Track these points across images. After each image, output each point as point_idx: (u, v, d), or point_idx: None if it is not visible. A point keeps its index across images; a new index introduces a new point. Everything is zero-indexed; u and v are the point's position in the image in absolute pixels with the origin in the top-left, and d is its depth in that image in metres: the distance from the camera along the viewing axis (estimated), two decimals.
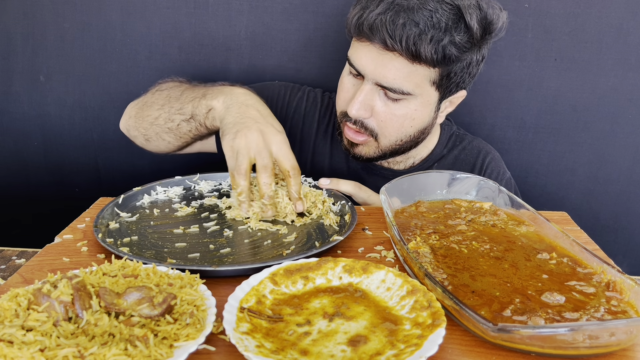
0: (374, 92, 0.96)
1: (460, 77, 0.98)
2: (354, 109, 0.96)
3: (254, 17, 1.28)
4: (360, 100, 0.96)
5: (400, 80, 0.93)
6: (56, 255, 0.76)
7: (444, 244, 0.76)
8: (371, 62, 0.94)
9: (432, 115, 1.02)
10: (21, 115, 1.37)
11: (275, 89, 1.19)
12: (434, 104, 1.00)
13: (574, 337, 0.54)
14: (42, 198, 1.44)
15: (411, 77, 0.93)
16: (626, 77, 1.26)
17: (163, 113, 1.05)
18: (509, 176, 1.16)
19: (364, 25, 0.92)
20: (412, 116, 0.98)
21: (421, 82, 0.95)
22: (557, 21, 1.23)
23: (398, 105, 0.97)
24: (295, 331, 0.58)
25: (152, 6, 1.27)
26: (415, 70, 0.93)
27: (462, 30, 0.91)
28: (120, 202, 0.92)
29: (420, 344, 0.54)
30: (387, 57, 0.92)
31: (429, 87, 0.96)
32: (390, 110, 0.97)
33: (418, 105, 0.98)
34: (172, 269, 0.67)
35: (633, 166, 1.33)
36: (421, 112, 0.99)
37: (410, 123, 1.00)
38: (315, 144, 1.17)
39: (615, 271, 0.65)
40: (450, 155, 1.15)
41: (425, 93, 0.97)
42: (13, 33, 1.31)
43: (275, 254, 0.78)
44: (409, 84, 0.94)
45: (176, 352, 0.52)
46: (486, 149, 1.17)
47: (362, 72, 0.96)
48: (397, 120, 0.98)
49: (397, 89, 0.94)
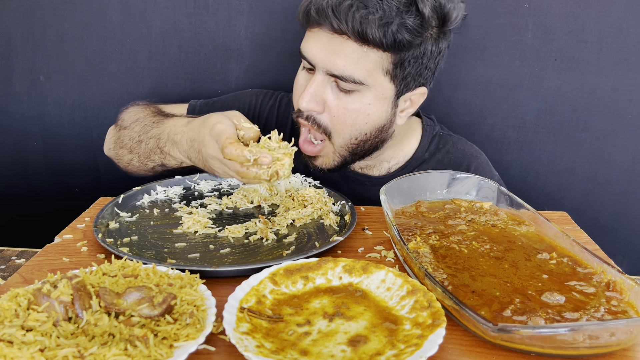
0: (326, 83, 0.93)
1: (415, 69, 0.94)
2: (304, 102, 0.93)
3: (254, 17, 1.28)
4: (311, 92, 0.92)
5: (351, 67, 0.89)
6: (56, 255, 0.76)
7: (444, 244, 0.76)
8: (321, 50, 0.91)
9: (388, 111, 0.97)
10: (21, 115, 1.37)
11: (247, 98, 1.17)
12: (390, 99, 0.95)
13: (574, 337, 0.54)
14: (42, 198, 1.44)
15: (362, 63, 0.90)
16: (626, 77, 1.26)
17: (134, 157, 1.05)
18: (497, 178, 1.12)
19: (311, 9, 0.90)
20: (366, 111, 0.94)
21: (373, 69, 0.91)
22: (557, 21, 1.23)
23: (351, 99, 0.93)
24: (295, 331, 0.58)
25: (152, 6, 1.27)
26: (366, 55, 0.89)
27: (413, 14, 0.88)
28: (120, 202, 0.92)
29: (421, 344, 0.54)
30: (337, 42, 0.89)
31: (382, 77, 0.92)
32: (342, 104, 0.93)
33: (372, 98, 0.93)
34: (172, 269, 0.67)
35: (633, 166, 1.33)
36: (376, 106, 0.94)
37: (364, 119, 0.95)
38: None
39: (615, 271, 0.65)
40: (433, 159, 1.10)
41: (379, 84, 0.93)
42: (13, 33, 1.31)
43: (275, 254, 0.78)
44: (360, 70, 0.90)
45: (176, 352, 0.52)
46: (471, 152, 1.12)
47: (312, 62, 0.93)
48: (350, 115, 0.94)
49: (347, 77, 0.90)
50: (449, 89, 1.29)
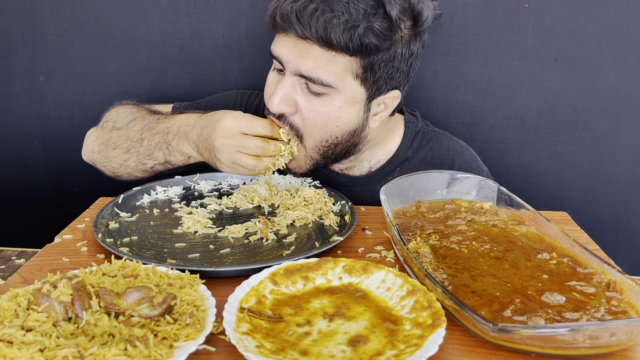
0: (296, 85, 0.91)
1: (386, 72, 0.91)
2: (274, 103, 0.91)
3: (254, 17, 1.28)
4: (280, 94, 0.91)
5: (319, 70, 0.87)
6: (56, 256, 0.76)
7: (444, 244, 0.76)
8: (289, 52, 0.89)
9: (360, 115, 0.94)
10: (21, 115, 1.37)
11: (232, 99, 1.16)
12: (361, 102, 0.93)
13: (574, 338, 0.54)
14: (42, 198, 1.44)
15: (330, 66, 0.87)
16: (626, 77, 1.26)
17: (131, 157, 1.02)
18: (486, 172, 1.10)
19: (277, 15, 0.88)
20: (336, 114, 0.92)
21: (342, 73, 0.88)
22: (557, 21, 1.23)
23: (321, 102, 0.91)
24: (295, 331, 0.58)
25: (152, 6, 1.27)
26: (334, 60, 0.87)
27: (380, 17, 0.85)
28: (120, 202, 0.92)
29: (421, 344, 0.54)
30: (304, 47, 0.87)
31: (352, 81, 0.90)
32: (313, 107, 0.91)
33: (342, 102, 0.91)
34: (172, 269, 0.67)
35: (633, 166, 1.33)
36: (346, 110, 0.92)
37: (335, 122, 0.92)
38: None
39: (615, 271, 0.65)
40: (416, 157, 1.07)
41: (349, 88, 0.90)
42: (13, 33, 1.31)
43: (275, 254, 0.78)
44: (329, 74, 0.88)
45: (176, 353, 0.52)
46: (456, 147, 1.09)
47: (282, 62, 0.91)
48: (321, 118, 0.92)
49: (316, 79, 0.88)
50: (449, 89, 1.29)
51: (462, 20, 1.23)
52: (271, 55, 0.94)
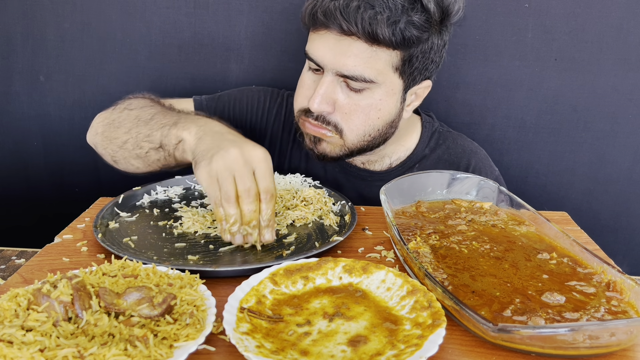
0: (335, 84, 0.93)
1: (422, 64, 0.95)
2: (315, 103, 0.92)
3: (254, 17, 1.28)
4: (322, 93, 0.92)
5: (361, 67, 0.90)
6: (56, 255, 0.76)
7: (444, 244, 0.76)
8: (329, 51, 0.90)
9: (398, 106, 0.98)
10: (21, 115, 1.37)
11: (255, 94, 1.16)
12: (398, 94, 0.96)
13: (574, 337, 0.54)
14: (42, 198, 1.44)
15: (372, 62, 0.90)
16: (626, 77, 1.26)
17: (131, 138, 0.95)
18: (497, 173, 1.12)
19: (318, 12, 0.89)
20: (377, 107, 0.95)
21: (383, 67, 0.91)
22: (557, 21, 1.23)
23: (361, 96, 0.93)
24: (296, 331, 0.58)
25: (152, 6, 1.27)
26: (376, 55, 0.90)
27: (419, 10, 0.89)
28: (120, 202, 0.92)
29: (421, 344, 0.54)
30: (346, 43, 0.89)
31: (391, 74, 0.93)
32: (354, 102, 0.93)
33: (382, 94, 0.94)
34: (172, 269, 0.67)
35: (633, 166, 1.33)
36: (386, 102, 0.95)
37: (376, 114, 0.95)
38: (292, 149, 1.14)
39: (615, 271, 0.65)
40: (433, 155, 1.10)
41: (389, 81, 0.93)
42: (13, 33, 1.31)
43: (275, 254, 0.78)
44: (371, 70, 0.90)
45: (176, 353, 0.52)
46: (471, 147, 1.12)
47: (321, 64, 0.92)
48: (363, 111, 0.94)
49: (358, 77, 0.90)
50: (449, 89, 1.29)
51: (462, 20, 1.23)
52: (306, 56, 0.95)
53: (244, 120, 1.14)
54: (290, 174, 1.02)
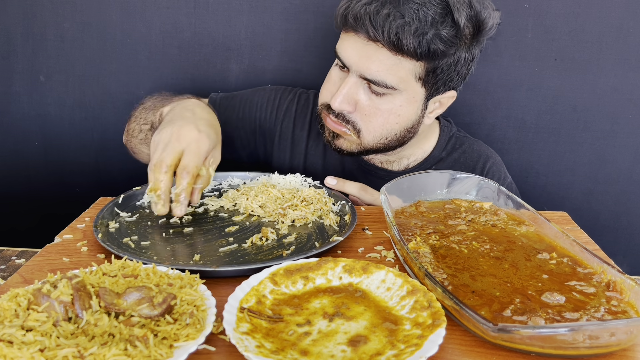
0: (359, 85, 0.95)
1: (447, 75, 0.95)
2: (337, 102, 0.95)
3: (254, 17, 1.28)
4: (344, 92, 0.95)
5: (384, 73, 0.91)
6: (56, 255, 0.76)
7: (444, 244, 0.76)
8: (355, 54, 0.93)
9: (418, 113, 1.00)
10: (21, 115, 1.37)
11: (266, 93, 1.18)
12: (420, 102, 0.98)
13: (574, 337, 0.54)
14: (42, 198, 1.44)
15: (395, 70, 0.92)
16: (626, 77, 1.26)
17: (136, 125, 1.08)
18: (510, 180, 1.14)
19: (349, 15, 0.91)
20: (397, 112, 0.97)
21: (406, 76, 0.93)
22: (557, 21, 1.23)
23: (382, 100, 0.95)
24: (296, 331, 0.58)
25: (152, 6, 1.27)
26: (399, 63, 0.91)
27: (448, 25, 0.89)
28: (120, 202, 0.92)
29: (421, 344, 0.54)
30: (372, 49, 0.91)
31: (414, 83, 0.94)
32: (374, 104, 0.96)
33: (403, 101, 0.96)
34: (172, 269, 0.67)
35: (633, 166, 1.33)
36: (407, 108, 0.97)
37: (395, 119, 0.98)
38: (308, 146, 1.16)
39: (615, 271, 0.65)
40: (450, 158, 1.12)
41: (411, 89, 0.95)
42: (13, 33, 1.31)
43: (275, 254, 0.78)
44: (393, 77, 0.92)
45: (176, 352, 0.52)
46: (487, 152, 1.14)
47: (346, 64, 0.95)
48: (382, 115, 0.96)
49: (380, 82, 0.92)
50: None
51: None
52: (335, 54, 0.98)
53: (253, 118, 1.17)
54: (290, 174, 1.02)
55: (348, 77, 0.95)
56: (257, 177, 1.04)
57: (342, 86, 0.95)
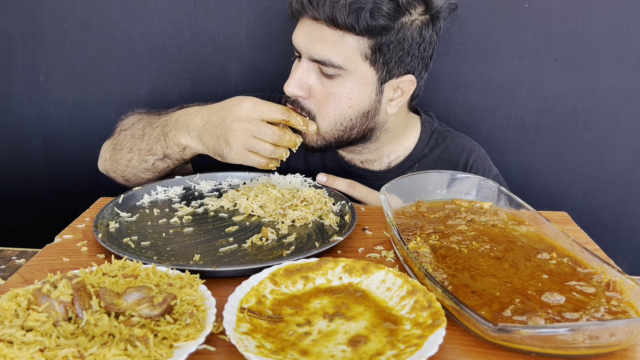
0: (310, 69, 0.97)
1: (396, 55, 0.95)
2: (289, 87, 0.97)
3: (254, 17, 1.28)
4: (296, 77, 0.97)
5: (330, 51, 0.93)
6: (56, 255, 0.76)
7: (444, 244, 0.76)
8: (304, 37, 0.96)
9: (372, 97, 0.98)
10: (21, 115, 1.37)
11: None
12: (372, 84, 0.97)
13: (574, 337, 0.54)
14: (42, 198, 1.44)
15: (340, 47, 0.93)
16: (626, 77, 1.26)
17: (135, 155, 1.04)
18: (496, 172, 1.13)
19: (293, 1, 0.95)
20: (349, 95, 0.96)
21: (352, 54, 0.93)
22: (557, 21, 1.23)
23: (334, 83, 0.96)
24: (296, 331, 0.58)
25: (152, 6, 1.27)
26: (342, 40, 0.92)
27: None
28: (120, 202, 0.92)
29: (421, 344, 0.54)
30: (316, 29, 0.93)
31: (362, 62, 0.94)
32: (326, 89, 0.97)
33: (354, 83, 0.96)
34: (172, 269, 0.67)
35: (633, 166, 1.33)
36: (358, 91, 0.97)
37: (347, 103, 0.97)
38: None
39: (615, 271, 0.65)
40: (433, 154, 1.12)
41: (360, 69, 0.95)
42: (13, 33, 1.31)
43: (275, 254, 0.78)
44: (339, 55, 0.93)
45: (176, 352, 0.52)
46: (470, 146, 1.14)
47: (298, 49, 0.97)
48: (334, 99, 0.97)
49: (327, 61, 0.93)
50: (449, 89, 1.29)
51: (462, 20, 1.23)
52: (291, 45, 1.00)
53: None
54: (290, 174, 1.02)
55: (300, 62, 0.98)
56: (257, 177, 1.04)
57: (294, 71, 0.98)
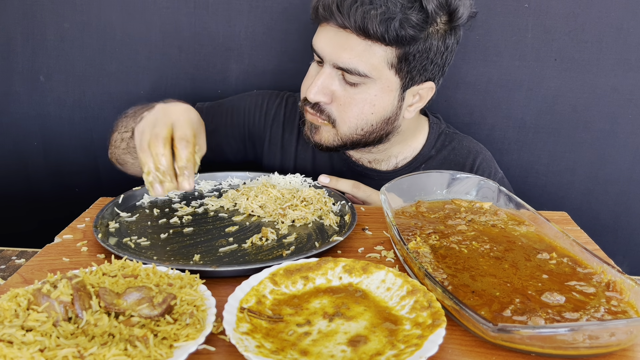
0: (333, 76, 0.96)
1: (420, 64, 0.95)
2: (312, 93, 0.96)
3: (254, 17, 1.28)
4: (319, 83, 0.96)
5: (356, 60, 0.92)
6: (56, 255, 0.76)
7: (444, 244, 0.76)
8: (328, 44, 0.94)
9: (395, 104, 0.99)
10: (21, 115, 1.37)
11: (253, 99, 1.18)
12: (395, 92, 0.98)
13: (574, 337, 0.54)
14: (42, 198, 1.44)
15: (367, 56, 0.92)
16: (626, 77, 1.26)
17: (118, 135, 1.06)
18: (501, 175, 1.14)
19: (319, 6, 0.94)
20: (372, 102, 0.97)
21: (378, 63, 0.93)
22: (557, 21, 1.23)
23: (357, 90, 0.96)
24: (295, 331, 0.58)
25: (152, 6, 1.27)
26: (370, 49, 0.92)
27: (416, 10, 0.90)
28: (120, 202, 0.92)
29: (421, 344, 0.54)
30: (343, 37, 0.92)
31: (387, 71, 0.95)
32: (349, 94, 0.97)
33: (378, 90, 0.96)
34: (172, 269, 0.67)
35: (633, 166, 1.33)
36: (382, 98, 0.97)
37: (370, 109, 0.98)
38: (298, 149, 1.16)
39: (615, 271, 0.65)
40: (439, 156, 1.12)
41: (384, 77, 0.95)
42: (13, 33, 1.31)
43: (275, 254, 0.78)
44: (365, 64, 0.93)
45: (176, 353, 0.52)
46: (476, 148, 1.14)
47: (321, 55, 0.96)
48: (357, 104, 0.97)
49: (353, 70, 0.93)
50: (449, 89, 1.29)
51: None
52: (312, 49, 0.99)
53: (242, 125, 1.17)
54: (290, 174, 1.02)
55: (323, 68, 0.97)
56: (257, 177, 1.04)
57: (317, 77, 0.97)
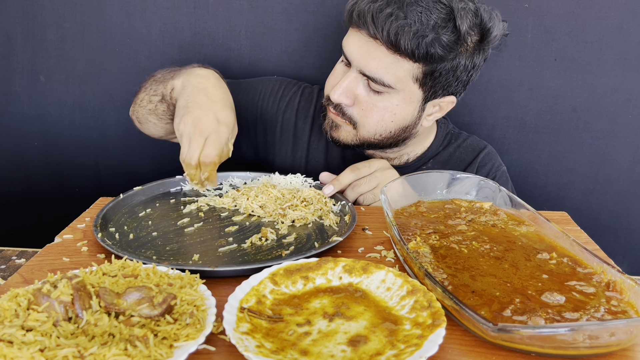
0: (359, 80, 0.98)
1: (445, 80, 0.97)
2: (336, 94, 0.98)
3: (254, 17, 1.28)
4: (344, 86, 0.98)
5: (382, 71, 0.94)
6: (56, 255, 0.76)
7: (444, 244, 0.76)
8: (357, 50, 0.95)
9: (414, 114, 1.02)
10: (21, 115, 1.37)
11: (271, 83, 1.21)
12: (417, 103, 1.00)
13: (574, 337, 0.54)
14: (42, 198, 1.44)
15: (393, 69, 0.93)
16: (626, 77, 1.26)
17: (146, 95, 1.08)
18: (503, 169, 1.16)
19: (354, 11, 0.94)
20: (393, 111, 0.99)
21: (403, 76, 0.95)
22: (557, 21, 1.23)
23: (380, 97, 0.98)
24: (296, 331, 0.58)
25: (152, 6, 1.27)
26: (398, 63, 0.93)
27: (449, 30, 0.91)
28: (120, 202, 0.92)
29: (421, 344, 0.54)
30: (372, 46, 0.93)
31: (411, 84, 0.96)
32: (372, 101, 0.98)
33: (400, 100, 0.98)
34: (172, 269, 0.67)
35: (633, 166, 1.33)
36: (403, 108, 0.99)
37: (390, 117, 1.00)
38: (311, 140, 1.18)
39: (615, 271, 0.65)
40: (445, 152, 1.16)
41: (408, 89, 0.97)
42: (13, 33, 1.31)
43: (275, 254, 0.78)
44: (391, 76, 0.94)
45: (176, 352, 0.52)
46: (480, 145, 1.17)
47: (349, 59, 0.98)
48: (378, 111, 0.99)
49: (378, 79, 0.94)
50: None
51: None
52: (341, 49, 1.00)
53: (255, 106, 1.19)
54: (290, 174, 1.03)
55: (349, 71, 0.98)
56: (258, 178, 1.04)
57: (343, 80, 0.98)
